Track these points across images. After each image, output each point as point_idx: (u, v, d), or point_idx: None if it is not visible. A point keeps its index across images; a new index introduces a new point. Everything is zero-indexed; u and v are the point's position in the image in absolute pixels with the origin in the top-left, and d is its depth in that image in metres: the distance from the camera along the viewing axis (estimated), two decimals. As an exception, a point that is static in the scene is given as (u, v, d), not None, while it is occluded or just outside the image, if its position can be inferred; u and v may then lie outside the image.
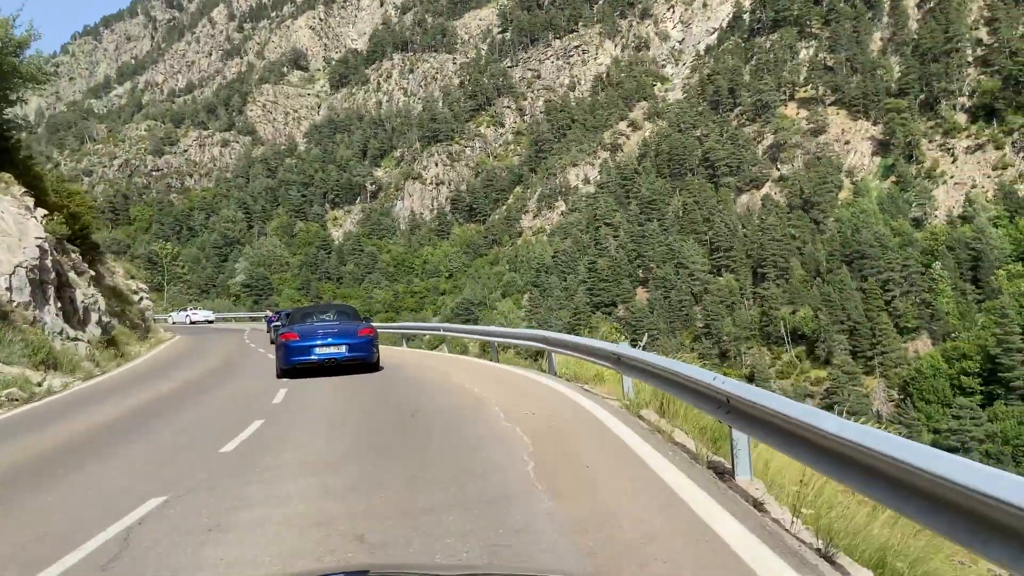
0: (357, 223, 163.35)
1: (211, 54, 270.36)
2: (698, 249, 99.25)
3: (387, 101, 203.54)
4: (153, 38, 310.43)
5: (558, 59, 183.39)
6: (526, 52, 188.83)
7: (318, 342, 13.12)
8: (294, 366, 13.20)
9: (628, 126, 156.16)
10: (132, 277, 27.08)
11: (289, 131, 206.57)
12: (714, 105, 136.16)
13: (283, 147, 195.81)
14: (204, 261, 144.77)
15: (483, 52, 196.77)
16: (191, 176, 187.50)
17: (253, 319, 63.12)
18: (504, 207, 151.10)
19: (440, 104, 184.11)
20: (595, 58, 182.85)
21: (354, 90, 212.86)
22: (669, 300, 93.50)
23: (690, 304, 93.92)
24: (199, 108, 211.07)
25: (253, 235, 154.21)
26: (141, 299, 25.88)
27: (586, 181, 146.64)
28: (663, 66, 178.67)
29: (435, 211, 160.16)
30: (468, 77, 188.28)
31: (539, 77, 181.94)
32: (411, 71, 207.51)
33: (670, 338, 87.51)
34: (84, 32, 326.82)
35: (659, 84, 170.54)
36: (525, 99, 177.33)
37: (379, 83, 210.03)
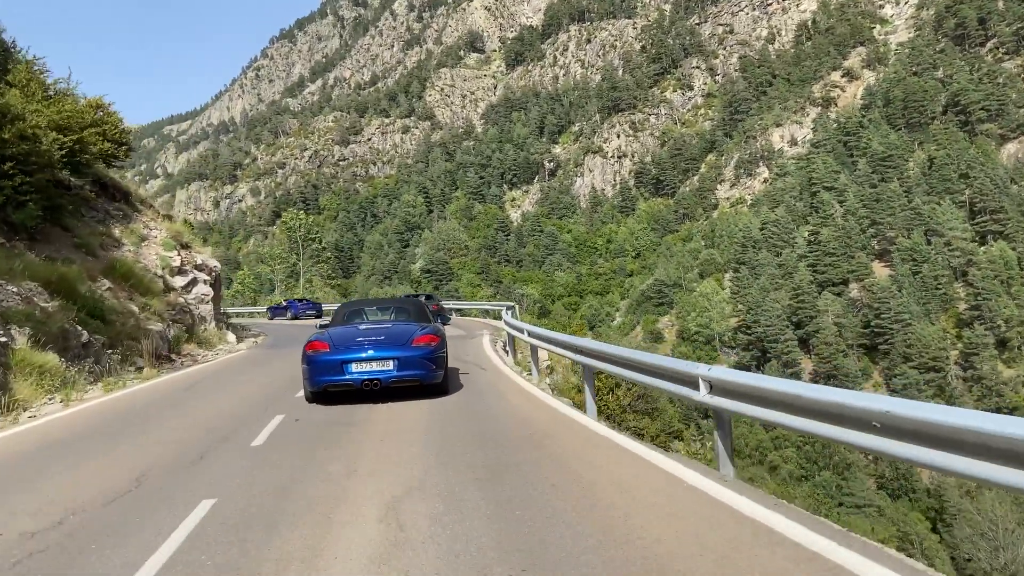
0: (536, 203, 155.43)
1: (393, 46, 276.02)
2: (955, 212, 79.49)
3: (564, 75, 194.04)
4: (341, 36, 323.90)
5: (753, 9, 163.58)
6: (715, 6, 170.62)
7: (356, 355, 9.04)
8: (324, 388, 9.23)
9: (843, 76, 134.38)
10: (183, 246, 17.09)
11: (466, 114, 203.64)
12: (958, 40, 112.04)
13: (460, 130, 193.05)
14: (386, 247, 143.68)
15: (666, 11, 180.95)
16: (374, 164, 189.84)
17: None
18: (695, 177, 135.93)
19: (620, 72, 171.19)
20: (797, 4, 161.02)
21: (530, 67, 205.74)
22: (921, 276, 75.11)
23: (949, 280, 74.96)
24: (381, 97, 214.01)
25: (432, 219, 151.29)
26: (192, 286, 15.88)
27: (793, 142, 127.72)
28: (881, 6, 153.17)
29: (618, 186, 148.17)
30: (651, 40, 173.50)
31: (732, 32, 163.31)
32: (588, 41, 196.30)
33: (926, 323, 69.76)
34: (280, 36, 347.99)
35: (878, 27, 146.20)
36: (716, 57, 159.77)
37: (555, 57, 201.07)
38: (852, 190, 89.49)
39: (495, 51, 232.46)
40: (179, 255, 16.42)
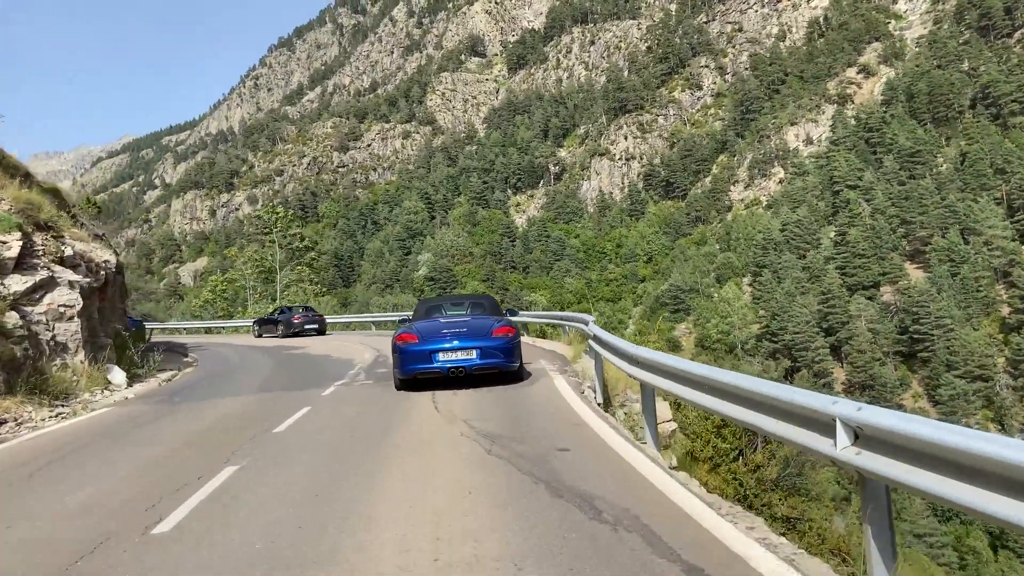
0: (541, 207, 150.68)
1: (392, 52, 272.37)
2: (994, 209, 74.49)
3: (567, 77, 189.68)
4: (340, 43, 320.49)
5: (763, 7, 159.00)
6: (723, 4, 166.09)
7: (442, 345, 10.00)
8: (414, 375, 10.12)
9: (859, 72, 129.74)
10: (41, 227, 9.97)
11: (468, 118, 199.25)
12: (983, 32, 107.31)
13: (463, 134, 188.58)
14: (388, 255, 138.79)
15: (672, 11, 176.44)
16: (375, 170, 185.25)
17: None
18: (707, 179, 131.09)
19: (626, 73, 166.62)
20: (808, 1, 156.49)
21: (532, 70, 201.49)
22: (960, 278, 69.96)
23: (991, 282, 69.86)
24: (381, 102, 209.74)
25: (435, 226, 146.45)
26: (42, 291, 9.79)
27: (809, 141, 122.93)
28: (894, 0, 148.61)
29: (626, 189, 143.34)
30: (657, 40, 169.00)
31: (741, 30, 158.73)
32: (592, 43, 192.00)
33: (968, 328, 64.65)
34: (279, 44, 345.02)
35: (893, 22, 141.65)
36: (725, 56, 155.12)
37: (558, 60, 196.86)
38: (879, 188, 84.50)
39: (496, 55, 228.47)
40: (23, 240, 10.34)
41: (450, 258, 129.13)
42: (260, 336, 29.69)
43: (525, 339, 16.31)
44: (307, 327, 28.15)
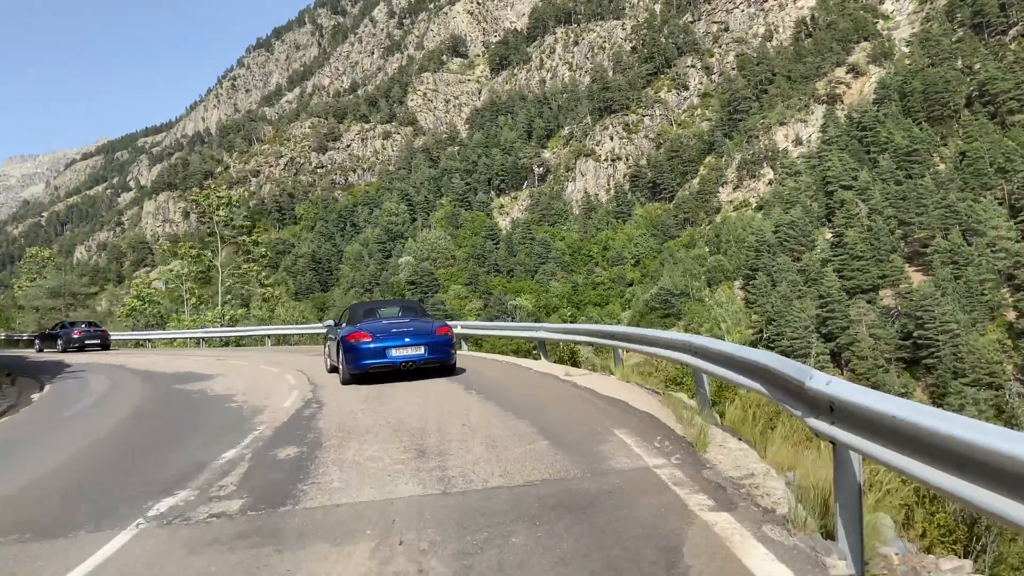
0: (525, 209, 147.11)
1: (373, 52, 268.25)
2: (997, 209, 71.84)
3: (551, 78, 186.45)
4: (320, 44, 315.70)
5: (749, 7, 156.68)
6: (709, 4, 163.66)
7: (395, 342, 11.33)
8: (366, 370, 11.28)
9: (848, 72, 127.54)
10: None
11: (450, 119, 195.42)
12: (976, 29, 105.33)
13: (444, 135, 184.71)
14: (367, 258, 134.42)
15: (657, 11, 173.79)
16: (354, 171, 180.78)
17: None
18: (695, 180, 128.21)
19: (611, 73, 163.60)
20: (794, 1, 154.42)
21: (515, 71, 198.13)
22: (964, 280, 67.10)
23: (996, 285, 67.09)
24: (360, 102, 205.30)
25: (416, 228, 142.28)
26: None
27: (798, 141, 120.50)
28: (881, 0, 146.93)
29: (612, 190, 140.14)
30: (642, 39, 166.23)
31: (727, 29, 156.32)
32: (576, 43, 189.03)
33: (975, 333, 61.74)
34: (257, 45, 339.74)
35: (881, 21, 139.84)
36: (712, 56, 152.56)
37: (542, 60, 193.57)
38: (876, 188, 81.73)
39: (479, 55, 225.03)
40: None
41: (432, 261, 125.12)
42: (41, 351, 29.13)
43: (541, 367, 12.46)
44: (88, 342, 28.55)
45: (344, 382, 11.46)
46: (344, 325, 12.51)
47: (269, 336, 27.81)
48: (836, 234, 77.20)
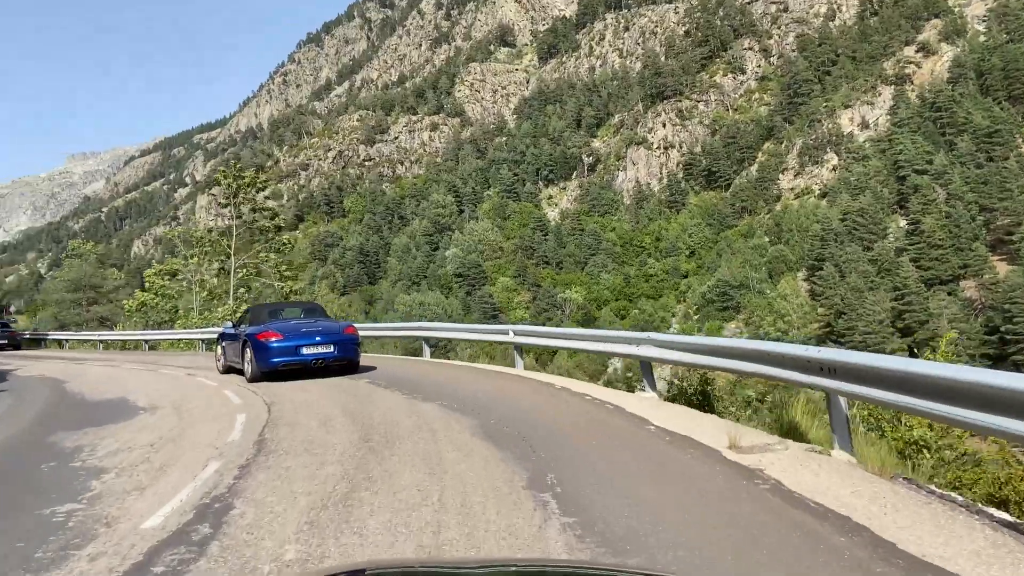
0: (575, 200, 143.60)
1: (420, 44, 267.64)
2: (1095, 193, 65.78)
3: (601, 66, 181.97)
4: (368, 38, 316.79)
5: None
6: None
7: (307, 341, 11.99)
8: (277, 368, 11.82)
9: (918, 51, 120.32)
10: None
11: (498, 109, 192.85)
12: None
13: (492, 126, 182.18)
14: (414, 250, 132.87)
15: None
16: (401, 164, 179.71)
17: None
18: (753, 167, 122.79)
19: (664, 58, 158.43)
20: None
21: (564, 59, 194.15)
22: (1059, 271, 61.43)
23: (1094, 276, 61.21)
24: (408, 94, 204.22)
25: (464, 220, 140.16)
26: None
27: (864, 125, 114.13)
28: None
29: (665, 179, 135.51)
30: (696, 23, 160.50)
31: (786, 9, 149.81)
32: (626, 29, 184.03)
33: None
34: (308, 40, 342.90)
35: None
36: (770, 38, 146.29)
37: (591, 47, 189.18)
38: (955, 172, 75.99)
39: (527, 44, 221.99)
40: None
41: (479, 253, 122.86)
42: None
43: (605, 397, 8.82)
44: None
45: (252, 379, 11.90)
46: (245, 326, 12.92)
47: None
48: (911, 221, 71.96)
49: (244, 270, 32.63)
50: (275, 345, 11.71)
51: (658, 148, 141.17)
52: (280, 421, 8.14)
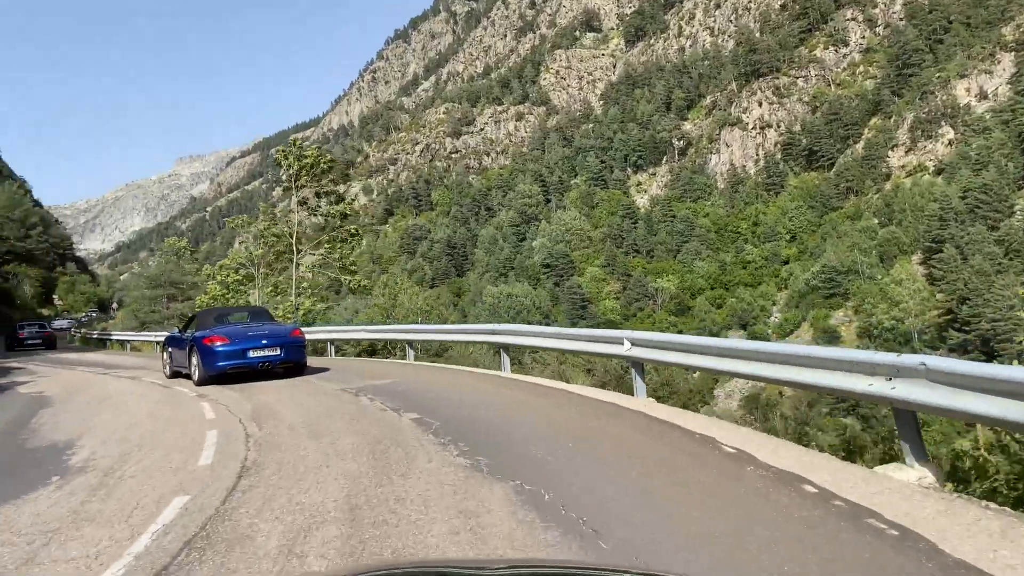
0: (665, 186, 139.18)
1: (505, 35, 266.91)
2: None
3: (691, 46, 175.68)
4: (454, 31, 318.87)
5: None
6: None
7: (253, 344, 12.12)
8: (224, 371, 11.93)
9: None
10: None
11: (584, 96, 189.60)
12: None
13: (578, 113, 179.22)
14: (501, 242, 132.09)
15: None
16: (488, 154, 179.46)
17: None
18: (859, 145, 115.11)
19: (759, 34, 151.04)
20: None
21: (652, 41, 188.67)
22: None
23: None
24: (493, 85, 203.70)
25: (551, 209, 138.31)
26: None
27: (982, 96, 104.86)
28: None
29: (762, 161, 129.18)
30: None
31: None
32: (717, 6, 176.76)
33: None
34: (395, 36, 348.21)
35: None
36: (875, 6, 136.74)
37: (680, 27, 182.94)
38: (1097, 140, 68.23)
39: (613, 29, 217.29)
40: None
41: (567, 243, 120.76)
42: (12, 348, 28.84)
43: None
44: (29, 342, 28.60)
45: (200, 383, 11.93)
46: (191, 331, 12.91)
47: (334, 340, 19.81)
48: (1047, 197, 65.07)
49: (305, 264, 30.40)
50: (221, 349, 11.84)
51: (754, 128, 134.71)
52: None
